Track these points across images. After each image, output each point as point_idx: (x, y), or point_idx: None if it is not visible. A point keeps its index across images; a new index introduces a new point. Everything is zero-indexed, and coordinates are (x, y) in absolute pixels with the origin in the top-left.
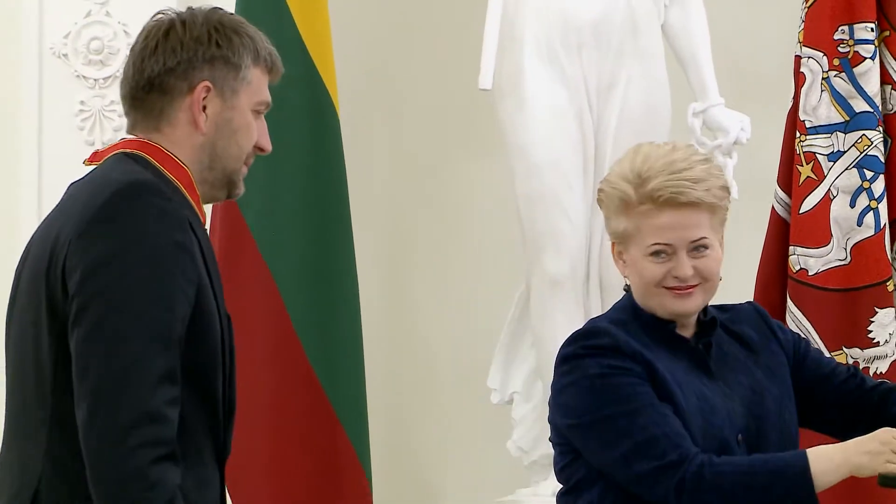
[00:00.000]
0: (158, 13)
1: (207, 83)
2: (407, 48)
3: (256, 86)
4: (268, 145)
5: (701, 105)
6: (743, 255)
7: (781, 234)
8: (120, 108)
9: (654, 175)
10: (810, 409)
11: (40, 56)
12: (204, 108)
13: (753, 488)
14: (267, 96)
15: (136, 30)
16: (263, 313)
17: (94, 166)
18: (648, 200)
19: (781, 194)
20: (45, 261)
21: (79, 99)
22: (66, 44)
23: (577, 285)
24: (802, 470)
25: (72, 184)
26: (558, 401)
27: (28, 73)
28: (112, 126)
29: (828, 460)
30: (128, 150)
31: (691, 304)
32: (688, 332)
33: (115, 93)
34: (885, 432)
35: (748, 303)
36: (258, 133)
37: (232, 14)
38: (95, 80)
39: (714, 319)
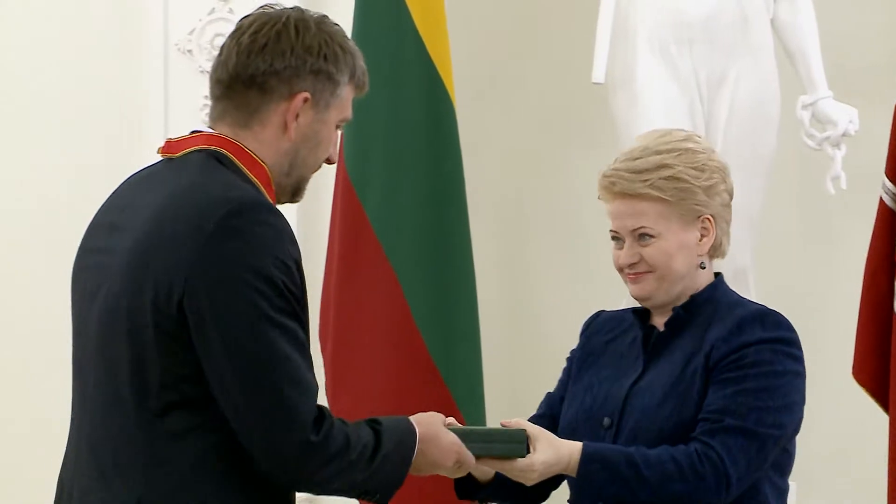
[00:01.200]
0: (265, 6)
1: (307, 94)
2: (521, 43)
3: (346, 103)
4: (336, 157)
5: (810, 98)
6: (851, 245)
7: (889, 224)
8: None
9: (614, 164)
10: None
11: (165, 52)
12: (297, 115)
13: None
14: (350, 114)
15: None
16: (384, 304)
17: (168, 156)
18: (600, 188)
19: (889, 185)
20: (149, 283)
21: (203, 94)
22: (190, 40)
23: None
24: None
25: (145, 172)
26: None
27: (154, 69)
28: None
29: None
30: (210, 149)
31: (642, 290)
32: (662, 318)
33: None
34: None
35: (759, 309)
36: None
37: (336, 25)
38: None
39: (678, 315)
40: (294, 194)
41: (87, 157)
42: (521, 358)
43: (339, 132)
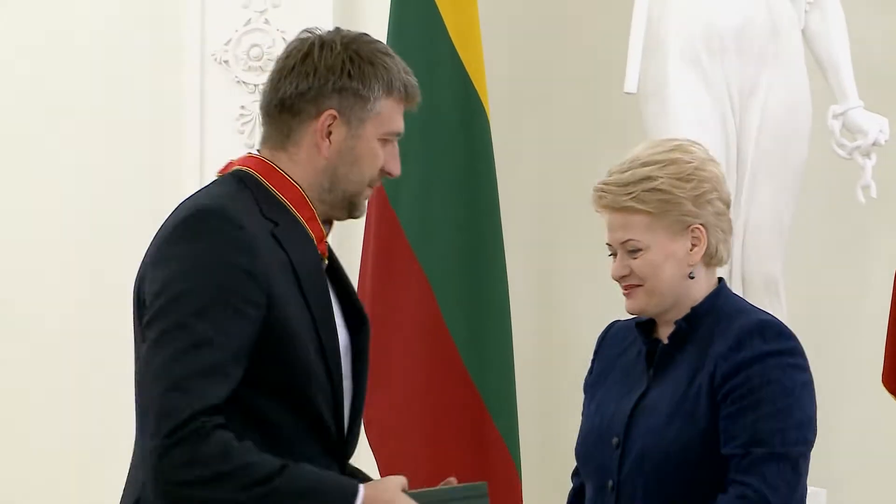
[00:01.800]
0: (306, 30)
1: (333, 112)
2: (554, 51)
3: (387, 116)
4: (395, 170)
5: (840, 107)
6: (881, 253)
7: None
8: None
9: (605, 176)
10: None
11: (202, 62)
12: (329, 133)
13: None
14: (398, 126)
15: (293, 37)
16: (417, 310)
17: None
18: (592, 201)
19: None
20: (137, 283)
21: (239, 104)
22: (226, 51)
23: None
24: None
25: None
26: None
27: (191, 78)
28: None
29: None
30: (242, 169)
31: (634, 305)
32: (666, 330)
33: None
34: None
35: (759, 320)
36: (386, 159)
37: (375, 41)
38: (255, 85)
39: (680, 327)
40: (351, 209)
41: (124, 165)
42: (553, 363)
43: (394, 145)
